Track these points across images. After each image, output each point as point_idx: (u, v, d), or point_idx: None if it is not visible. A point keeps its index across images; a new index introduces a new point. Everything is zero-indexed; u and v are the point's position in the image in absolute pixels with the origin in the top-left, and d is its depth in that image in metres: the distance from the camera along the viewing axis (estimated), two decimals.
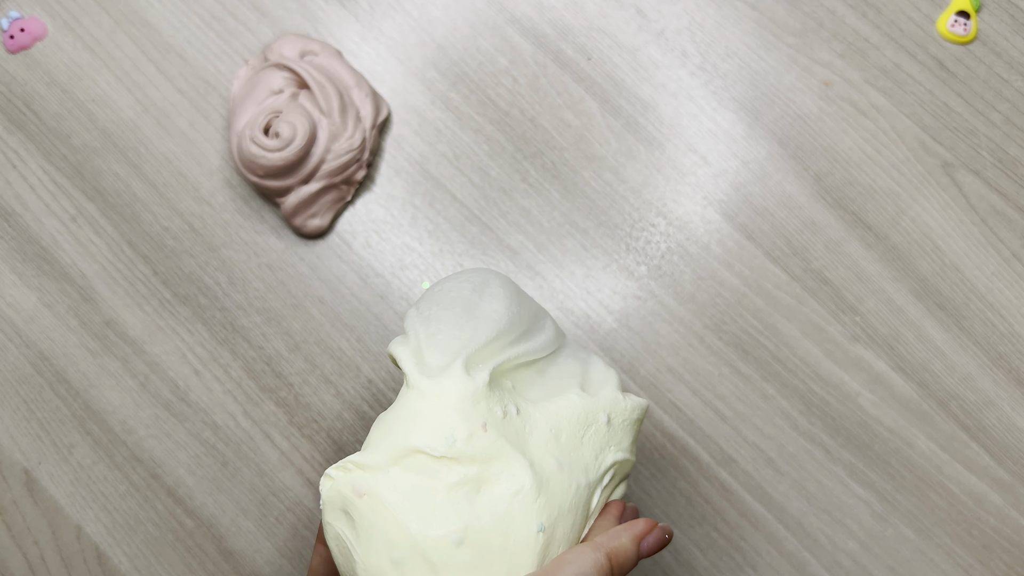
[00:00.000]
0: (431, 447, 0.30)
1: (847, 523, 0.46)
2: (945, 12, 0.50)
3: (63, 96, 0.50)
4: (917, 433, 0.46)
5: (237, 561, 0.46)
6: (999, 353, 0.47)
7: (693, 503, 0.46)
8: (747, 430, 0.47)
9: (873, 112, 0.49)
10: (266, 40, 0.51)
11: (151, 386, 0.47)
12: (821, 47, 0.50)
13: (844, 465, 0.46)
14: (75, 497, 0.47)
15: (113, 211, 0.49)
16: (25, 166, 0.50)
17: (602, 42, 0.51)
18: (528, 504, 0.30)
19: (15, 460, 0.47)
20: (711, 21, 0.51)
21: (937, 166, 0.49)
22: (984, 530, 0.46)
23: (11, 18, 0.51)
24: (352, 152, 0.46)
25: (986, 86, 0.50)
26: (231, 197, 0.49)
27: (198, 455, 0.47)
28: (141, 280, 0.49)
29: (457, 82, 0.50)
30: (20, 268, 0.49)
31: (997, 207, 0.48)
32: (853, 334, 0.47)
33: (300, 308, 0.48)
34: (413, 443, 0.30)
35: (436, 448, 0.30)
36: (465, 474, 0.30)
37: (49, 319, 0.48)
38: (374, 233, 0.49)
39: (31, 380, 0.48)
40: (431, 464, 0.30)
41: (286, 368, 0.48)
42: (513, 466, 0.30)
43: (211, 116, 0.50)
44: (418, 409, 0.31)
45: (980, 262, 0.48)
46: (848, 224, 0.48)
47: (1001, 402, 0.47)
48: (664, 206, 0.49)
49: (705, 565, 0.45)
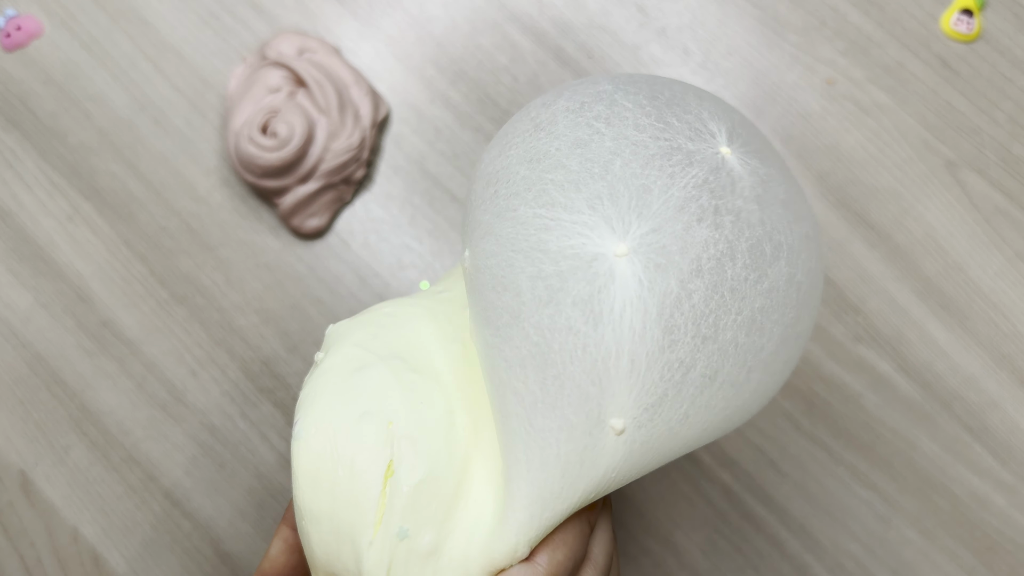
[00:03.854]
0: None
1: (850, 525, 0.45)
2: (949, 10, 0.50)
3: (59, 94, 0.50)
4: (920, 434, 0.46)
5: (235, 563, 0.46)
6: (1003, 354, 0.47)
7: (695, 505, 0.46)
8: (749, 431, 0.46)
9: (876, 111, 0.49)
10: (264, 38, 0.50)
11: (148, 387, 0.47)
12: (824, 45, 0.50)
13: (847, 467, 0.46)
14: (71, 499, 0.46)
15: (109, 210, 0.49)
16: (21, 164, 0.49)
17: (603, 40, 0.50)
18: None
19: (11, 462, 0.47)
20: (713, 19, 0.50)
21: (940, 165, 0.49)
22: (987, 532, 0.45)
23: (7, 16, 0.51)
24: (351, 151, 0.46)
25: (990, 84, 0.49)
26: (228, 196, 0.49)
27: (195, 456, 0.47)
28: (138, 280, 0.48)
29: (456, 80, 0.50)
30: (16, 268, 0.48)
31: (1001, 207, 0.48)
32: (856, 334, 0.47)
33: (298, 308, 0.48)
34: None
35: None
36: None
37: (45, 319, 0.48)
38: (373, 233, 0.49)
39: (27, 381, 0.47)
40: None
41: (284, 369, 0.47)
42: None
43: (208, 115, 0.50)
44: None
45: (984, 262, 0.48)
46: (851, 224, 0.48)
47: (1005, 403, 0.46)
48: None
49: (707, 567, 0.45)
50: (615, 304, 0.25)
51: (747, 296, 0.25)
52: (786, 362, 0.27)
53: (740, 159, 0.27)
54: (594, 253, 0.25)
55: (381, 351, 0.29)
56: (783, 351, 0.27)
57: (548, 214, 0.26)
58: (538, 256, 0.26)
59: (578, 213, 0.25)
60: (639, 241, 0.25)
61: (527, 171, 0.27)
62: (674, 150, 0.26)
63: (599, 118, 0.27)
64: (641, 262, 0.25)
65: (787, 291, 0.26)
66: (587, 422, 0.26)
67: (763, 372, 0.26)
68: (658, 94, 0.28)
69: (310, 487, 0.27)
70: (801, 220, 0.27)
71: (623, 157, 0.26)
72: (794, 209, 0.27)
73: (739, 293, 0.25)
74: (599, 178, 0.26)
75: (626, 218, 0.25)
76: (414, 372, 0.29)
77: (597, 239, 0.25)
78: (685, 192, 0.25)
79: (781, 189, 0.27)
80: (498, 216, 0.27)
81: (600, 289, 0.25)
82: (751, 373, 0.26)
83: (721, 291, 0.25)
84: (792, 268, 0.26)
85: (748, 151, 0.27)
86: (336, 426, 0.27)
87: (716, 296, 0.25)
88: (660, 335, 0.25)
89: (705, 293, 0.25)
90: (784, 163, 0.30)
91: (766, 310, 0.26)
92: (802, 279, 0.27)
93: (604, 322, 0.25)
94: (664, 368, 0.25)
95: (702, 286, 0.25)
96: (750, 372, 0.26)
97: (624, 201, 0.25)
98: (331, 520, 0.27)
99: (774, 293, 0.26)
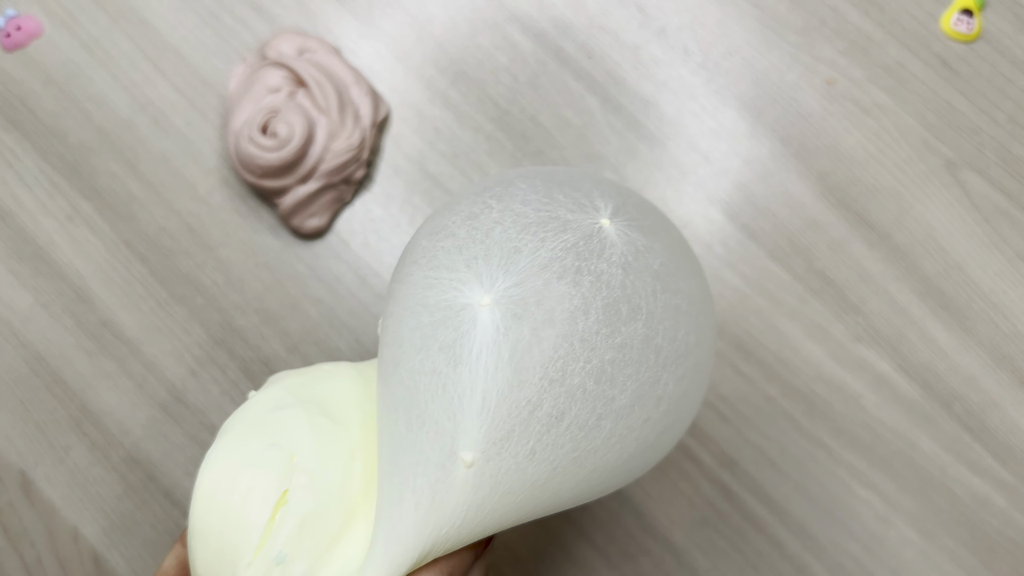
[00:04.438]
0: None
1: (850, 525, 0.45)
2: (949, 10, 0.50)
3: (59, 94, 0.50)
4: (920, 435, 0.46)
5: None
6: (1003, 354, 0.47)
7: (695, 505, 0.46)
8: (749, 431, 0.46)
9: (876, 111, 0.49)
10: (264, 38, 0.50)
11: (148, 387, 0.47)
12: (824, 45, 0.50)
13: (847, 467, 0.46)
14: (72, 499, 0.46)
15: (109, 210, 0.49)
16: (21, 164, 0.49)
17: (603, 40, 0.50)
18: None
19: (11, 462, 0.47)
20: (713, 19, 0.50)
21: (941, 165, 0.49)
22: (988, 532, 0.45)
23: (7, 16, 0.51)
24: (351, 151, 0.46)
25: (990, 84, 0.49)
26: (228, 196, 0.49)
27: (195, 456, 0.47)
28: (138, 280, 0.48)
29: (456, 80, 0.50)
30: (16, 268, 0.48)
31: (1001, 207, 0.48)
32: (856, 335, 0.47)
33: (298, 308, 0.48)
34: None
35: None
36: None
37: (45, 319, 0.48)
38: (373, 233, 0.48)
39: (27, 381, 0.47)
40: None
41: (284, 369, 0.47)
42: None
43: (208, 115, 0.50)
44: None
45: (984, 262, 0.48)
46: (851, 224, 0.48)
47: (1005, 403, 0.46)
48: (666, 205, 0.48)
49: (707, 567, 0.45)
50: (474, 347, 0.27)
51: (597, 348, 0.27)
52: (646, 421, 0.29)
53: (619, 230, 0.29)
54: (463, 304, 0.28)
55: (303, 396, 0.32)
56: (640, 408, 0.28)
57: (434, 275, 0.29)
58: (420, 310, 0.28)
59: (456, 272, 0.28)
60: (502, 294, 0.27)
61: (427, 242, 0.30)
62: (552, 219, 0.29)
63: (493, 196, 0.30)
64: (501, 312, 0.27)
65: (643, 350, 0.28)
66: (440, 455, 0.28)
67: (616, 422, 0.28)
68: (555, 176, 0.31)
69: (205, 506, 0.29)
70: (673, 292, 0.29)
71: (503, 225, 0.29)
72: (667, 281, 0.29)
73: (589, 344, 0.27)
74: (479, 242, 0.29)
75: (494, 274, 0.28)
76: (327, 418, 0.31)
77: (468, 292, 0.28)
78: (551, 253, 0.28)
79: (657, 261, 0.29)
80: (400, 282, 0.30)
81: (463, 335, 0.27)
82: (601, 420, 0.28)
83: (571, 340, 0.27)
84: (650, 331, 0.28)
85: (632, 226, 0.29)
86: (243, 453, 0.30)
87: (565, 344, 0.27)
88: (511, 375, 0.27)
89: (555, 341, 0.27)
90: (681, 248, 0.31)
91: (617, 363, 0.27)
92: (662, 343, 0.28)
93: (463, 363, 0.27)
94: (512, 405, 0.27)
95: (552, 334, 0.27)
96: (600, 419, 0.28)
97: (495, 260, 0.28)
98: (218, 539, 0.29)
99: (627, 349, 0.27)
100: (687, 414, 0.31)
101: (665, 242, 0.30)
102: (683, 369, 0.29)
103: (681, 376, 0.29)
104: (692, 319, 0.30)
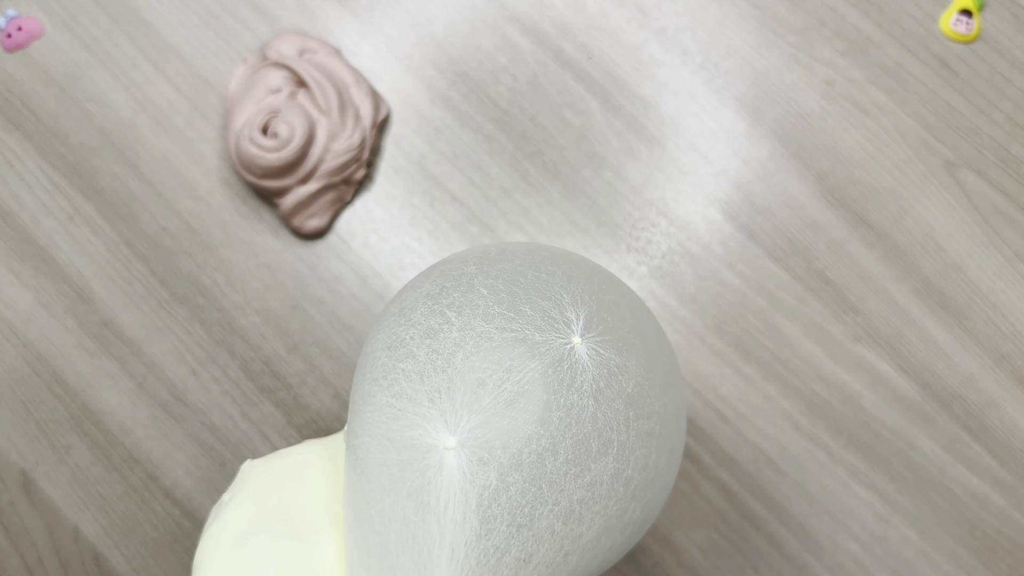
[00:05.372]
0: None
1: (849, 525, 0.46)
2: (948, 10, 0.50)
3: (60, 95, 0.50)
4: (919, 434, 0.46)
5: None
6: (1002, 354, 0.47)
7: (694, 505, 0.46)
8: (749, 431, 0.46)
9: (875, 111, 0.49)
10: (264, 38, 0.50)
11: (149, 386, 0.47)
12: (823, 46, 0.50)
13: (846, 466, 0.46)
14: (72, 498, 0.46)
15: (110, 210, 0.49)
16: (22, 165, 0.50)
17: (602, 40, 0.50)
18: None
19: (12, 461, 0.47)
20: (712, 19, 0.50)
21: (939, 165, 0.49)
22: (987, 531, 0.45)
23: (8, 16, 0.51)
24: (351, 152, 0.46)
25: (989, 85, 0.49)
26: (229, 196, 0.49)
27: (196, 456, 0.47)
28: (139, 280, 0.48)
29: (456, 80, 0.50)
30: (17, 268, 0.49)
31: (999, 207, 0.48)
32: (855, 335, 0.47)
33: (298, 308, 0.48)
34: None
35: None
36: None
37: (46, 319, 0.48)
38: (373, 233, 0.49)
39: (28, 380, 0.47)
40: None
41: (284, 369, 0.47)
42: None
43: (209, 115, 0.50)
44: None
45: (983, 262, 0.48)
46: (850, 224, 0.48)
47: (1004, 403, 0.46)
48: (665, 205, 0.49)
49: (706, 567, 0.45)
50: (441, 495, 0.26)
51: (566, 489, 0.26)
52: (611, 548, 0.28)
53: (592, 349, 0.28)
54: (428, 444, 0.27)
55: (270, 513, 0.31)
56: (606, 538, 0.28)
57: (397, 404, 0.28)
58: (386, 443, 0.28)
59: (419, 405, 0.27)
60: (467, 435, 0.26)
61: (386, 358, 0.29)
62: (518, 342, 0.27)
63: (452, 306, 0.28)
64: (467, 455, 0.26)
65: (612, 485, 0.27)
66: None
67: (582, 555, 0.28)
68: (520, 276, 0.29)
69: None
70: (647, 417, 0.28)
71: (465, 349, 0.27)
72: (640, 405, 0.28)
73: (557, 486, 0.26)
74: (441, 371, 0.27)
75: (458, 412, 0.26)
76: (293, 539, 0.31)
77: (432, 431, 0.27)
78: (518, 387, 0.27)
79: (631, 383, 0.28)
80: (363, 399, 0.29)
81: (430, 480, 0.26)
82: (568, 556, 0.27)
83: (539, 484, 0.26)
84: (620, 464, 0.27)
85: (605, 340, 0.28)
86: None
87: (533, 488, 0.26)
88: (478, 525, 0.26)
89: (523, 486, 0.26)
90: (659, 353, 0.30)
91: (586, 502, 0.27)
92: (632, 475, 0.28)
93: (431, 512, 0.27)
94: (480, 554, 0.26)
95: (520, 479, 0.26)
96: (567, 555, 0.27)
97: (459, 395, 0.27)
98: None
99: (596, 487, 0.27)
100: (651, 523, 0.30)
101: (641, 354, 0.29)
102: (650, 494, 0.29)
103: (648, 501, 0.29)
104: (663, 440, 0.29)
